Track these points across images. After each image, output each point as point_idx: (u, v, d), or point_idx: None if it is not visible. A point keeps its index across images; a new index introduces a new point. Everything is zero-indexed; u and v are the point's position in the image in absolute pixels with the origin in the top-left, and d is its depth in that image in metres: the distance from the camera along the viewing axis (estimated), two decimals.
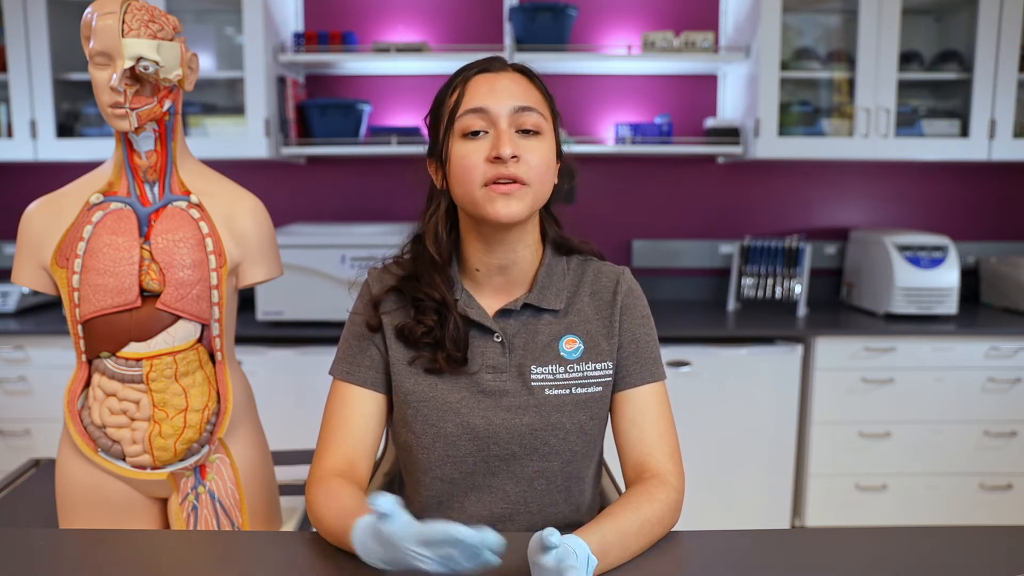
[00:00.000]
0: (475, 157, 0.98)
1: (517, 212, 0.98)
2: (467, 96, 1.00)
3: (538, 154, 1.00)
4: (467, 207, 1.01)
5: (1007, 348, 2.50)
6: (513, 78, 1.03)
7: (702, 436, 2.52)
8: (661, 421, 1.06)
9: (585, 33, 2.93)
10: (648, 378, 1.07)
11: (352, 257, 2.47)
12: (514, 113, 0.99)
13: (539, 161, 0.99)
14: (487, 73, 1.02)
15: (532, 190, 1.00)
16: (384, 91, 2.98)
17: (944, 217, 3.08)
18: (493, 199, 0.98)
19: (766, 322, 2.63)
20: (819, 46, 2.85)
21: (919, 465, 2.56)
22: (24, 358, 2.48)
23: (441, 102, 1.04)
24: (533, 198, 1.00)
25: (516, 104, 0.99)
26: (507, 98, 1.00)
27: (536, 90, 1.04)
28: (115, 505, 1.20)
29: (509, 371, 1.05)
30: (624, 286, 1.10)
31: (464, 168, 0.99)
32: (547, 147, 1.01)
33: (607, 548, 0.89)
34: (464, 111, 1.00)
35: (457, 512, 1.06)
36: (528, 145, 0.99)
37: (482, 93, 1.00)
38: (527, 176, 0.98)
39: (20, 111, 2.59)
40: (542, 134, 1.01)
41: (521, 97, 1.00)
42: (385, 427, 1.10)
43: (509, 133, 0.98)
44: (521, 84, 1.02)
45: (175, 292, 1.15)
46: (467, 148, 0.99)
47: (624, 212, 3.06)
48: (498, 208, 0.98)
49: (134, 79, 1.10)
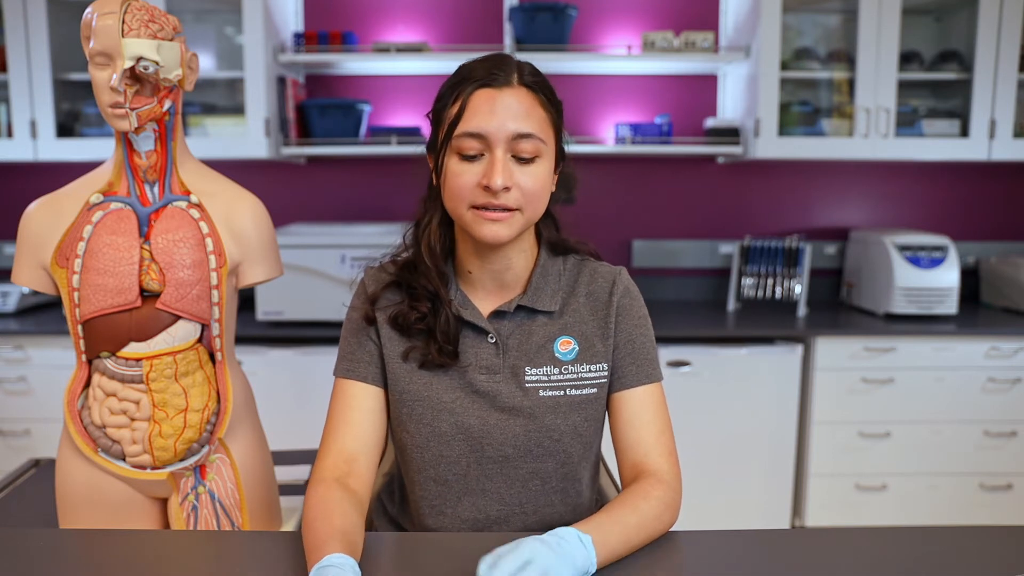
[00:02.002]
0: (467, 178, 0.98)
1: (505, 236, 0.99)
2: (467, 114, 0.98)
3: (532, 179, 0.99)
4: (456, 221, 1.02)
5: (1007, 348, 2.50)
6: (517, 95, 0.98)
7: (702, 436, 2.52)
8: (658, 422, 1.06)
9: (585, 33, 2.93)
10: (644, 379, 1.07)
11: (352, 257, 2.47)
12: (512, 140, 0.97)
13: (533, 186, 0.99)
14: (489, 89, 0.98)
15: (523, 214, 1.00)
16: (384, 91, 2.98)
17: (944, 217, 3.08)
18: (481, 223, 0.98)
19: (766, 322, 2.63)
20: (819, 46, 2.85)
21: (919, 465, 2.56)
22: (24, 358, 2.48)
23: (444, 106, 1.02)
24: (524, 221, 1.00)
25: (515, 130, 0.97)
26: (508, 121, 0.97)
27: (540, 108, 1.01)
28: (115, 505, 1.20)
29: (503, 372, 1.05)
30: (620, 287, 1.09)
31: (456, 187, 0.99)
32: (543, 170, 1.00)
33: (607, 538, 0.89)
34: (462, 132, 0.97)
35: (452, 515, 1.06)
36: (523, 171, 0.98)
37: (482, 114, 0.97)
38: (519, 203, 0.98)
39: (20, 111, 2.59)
40: (540, 158, 1.00)
41: (522, 120, 0.97)
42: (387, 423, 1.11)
43: (504, 161, 0.97)
44: (524, 103, 0.99)
45: (175, 292, 1.15)
46: (461, 168, 0.98)
47: (624, 212, 3.06)
48: (484, 231, 0.98)
49: (134, 79, 1.10)
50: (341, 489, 0.97)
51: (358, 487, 1.01)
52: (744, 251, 2.88)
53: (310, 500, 0.96)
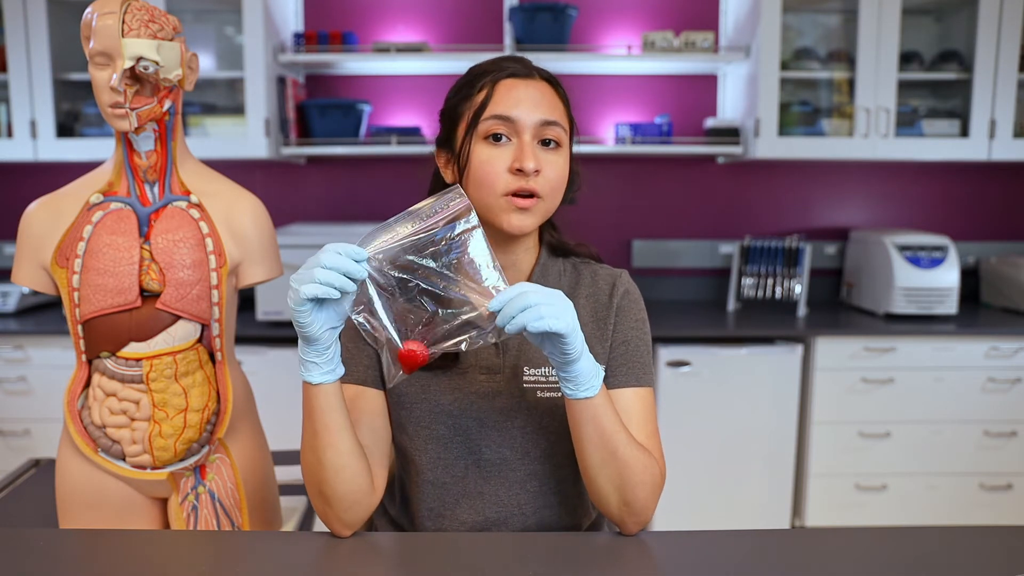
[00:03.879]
0: (498, 164, 0.98)
1: (530, 225, 1.00)
2: (495, 99, 0.99)
3: (556, 168, 1.00)
4: (481, 211, 1.00)
5: (1007, 348, 2.50)
6: (540, 88, 1.02)
7: (702, 436, 2.52)
8: (646, 426, 1.03)
9: (585, 33, 2.93)
10: (633, 382, 1.04)
11: None
12: (540, 126, 0.99)
13: (556, 175, 1.00)
14: (516, 79, 1.01)
15: (546, 204, 1.00)
16: (384, 91, 2.98)
17: (944, 217, 3.08)
18: (510, 211, 0.98)
19: (766, 322, 2.63)
20: (819, 46, 2.85)
21: (919, 465, 2.56)
22: (24, 358, 2.48)
23: (465, 97, 1.02)
24: (545, 211, 1.01)
25: (542, 117, 0.99)
26: (534, 109, 0.99)
27: (560, 101, 1.04)
28: (115, 505, 1.20)
29: (503, 372, 1.04)
30: (621, 288, 1.09)
31: (485, 173, 0.98)
32: (564, 161, 1.02)
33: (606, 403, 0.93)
34: (490, 115, 0.99)
35: (451, 519, 1.06)
36: (548, 159, 1.00)
37: (511, 100, 0.99)
38: (543, 190, 0.99)
39: (20, 111, 2.59)
40: (562, 147, 1.01)
41: (547, 109, 1.00)
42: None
43: (532, 145, 0.98)
44: (547, 95, 1.02)
45: (175, 292, 1.15)
46: (489, 153, 0.99)
47: (624, 212, 3.06)
48: (513, 220, 0.98)
49: (134, 79, 1.10)
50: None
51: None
52: (744, 251, 2.88)
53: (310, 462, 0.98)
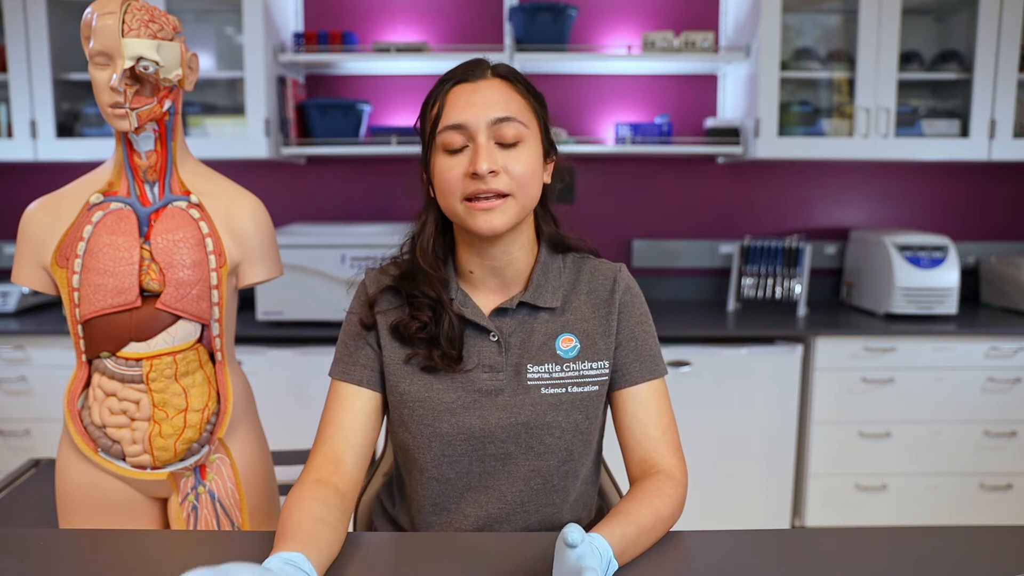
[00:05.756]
0: (455, 172, 0.99)
1: (501, 225, 0.99)
2: (446, 110, 1.01)
3: (520, 163, 1.00)
4: (453, 219, 1.03)
5: (1007, 348, 2.50)
6: (492, 85, 1.01)
7: (702, 436, 2.52)
8: (664, 417, 1.07)
9: (585, 33, 2.93)
10: (648, 375, 1.08)
11: (352, 257, 2.47)
12: (492, 125, 0.99)
13: (522, 170, 1.00)
14: (465, 84, 1.02)
15: (517, 200, 1.00)
16: (384, 91, 2.98)
17: (944, 217, 3.08)
18: (474, 214, 0.99)
19: (766, 322, 2.63)
20: (819, 46, 2.85)
21: (919, 465, 2.56)
22: (24, 358, 2.48)
23: (424, 113, 1.05)
24: (519, 207, 1.01)
25: (494, 116, 0.99)
26: (485, 109, 0.99)
27: (517, 95, 1.03)
28: (115, 505, 1.20)
29: (506, 370, 1.05)
30: (621, 284, 1.10)
31: (445, 182, 1.00)
32: (530, 153, 1.01)
33: (626, 548, 0.90)
34: (443, 127, 1.00)
35: (454, 513, 1.06)
36: (509, 155, 0.99)
37: (460, 106, 1.00)
38: (509, 187, 0.99)
39: (20, 111, 2.59)
40: (524, 142, 1.01)
41: (500, 107, 1.00)
42: (382, 425, 1.11)
43: (487, 147, 0.98)
44: (501, 91, 1.01)
45: (175, 292, 1.15)
46: (447, 163, 1.00)
47: (624, 212, 3.06)
48: (479, 223, 0.99)
49: (134, 79, 1.10)
50: (321, 488, 0.97)
51: (343, 487, 1.00)
52: (744, 251, 2.88)
53: (289, 497, 0.97)
